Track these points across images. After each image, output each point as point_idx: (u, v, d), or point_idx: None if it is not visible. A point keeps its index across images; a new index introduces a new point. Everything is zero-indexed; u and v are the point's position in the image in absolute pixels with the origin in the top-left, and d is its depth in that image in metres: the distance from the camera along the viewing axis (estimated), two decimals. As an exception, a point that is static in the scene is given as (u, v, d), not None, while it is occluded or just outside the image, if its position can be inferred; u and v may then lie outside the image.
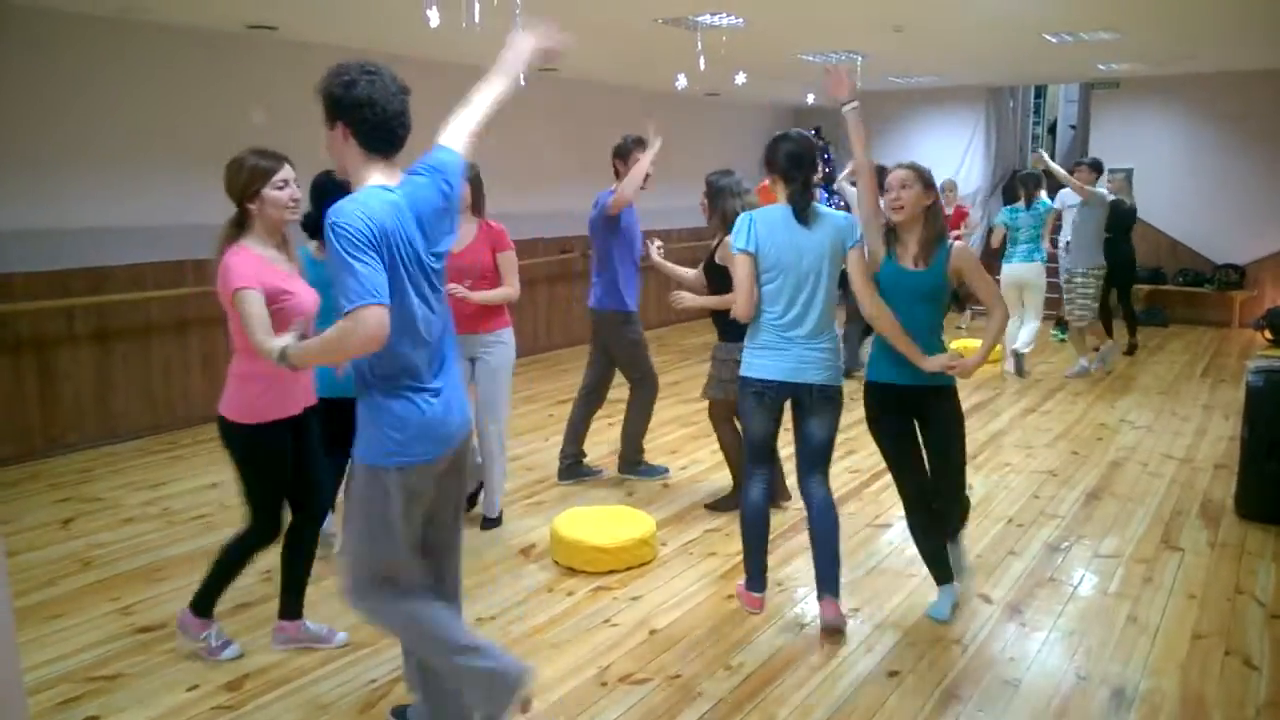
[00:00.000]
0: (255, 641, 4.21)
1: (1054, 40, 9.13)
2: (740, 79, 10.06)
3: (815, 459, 4.36)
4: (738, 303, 4.24)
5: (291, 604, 4.16)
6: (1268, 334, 11.21)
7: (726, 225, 5.22)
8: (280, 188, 3.73)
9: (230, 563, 3.98)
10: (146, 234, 7.40)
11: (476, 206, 5.27)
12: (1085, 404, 8.49)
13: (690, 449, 7.16)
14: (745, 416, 4.41)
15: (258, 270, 3.63)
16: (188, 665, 4.01)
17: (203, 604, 4.03)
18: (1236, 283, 12.57)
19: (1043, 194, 9.44)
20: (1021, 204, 9.33)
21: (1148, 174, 12.76)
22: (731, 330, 5.15)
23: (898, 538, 5.42)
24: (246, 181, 3.69)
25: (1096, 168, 9.57)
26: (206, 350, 7.78)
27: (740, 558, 4.68)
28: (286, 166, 3.78)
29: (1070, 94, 16.46)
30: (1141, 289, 12.89)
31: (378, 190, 2.81)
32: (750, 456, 4.45)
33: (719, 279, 5.40)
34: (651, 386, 6.39)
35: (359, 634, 4.25)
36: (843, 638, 4.25)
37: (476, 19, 5.83)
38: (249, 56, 7.96)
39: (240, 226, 3.74)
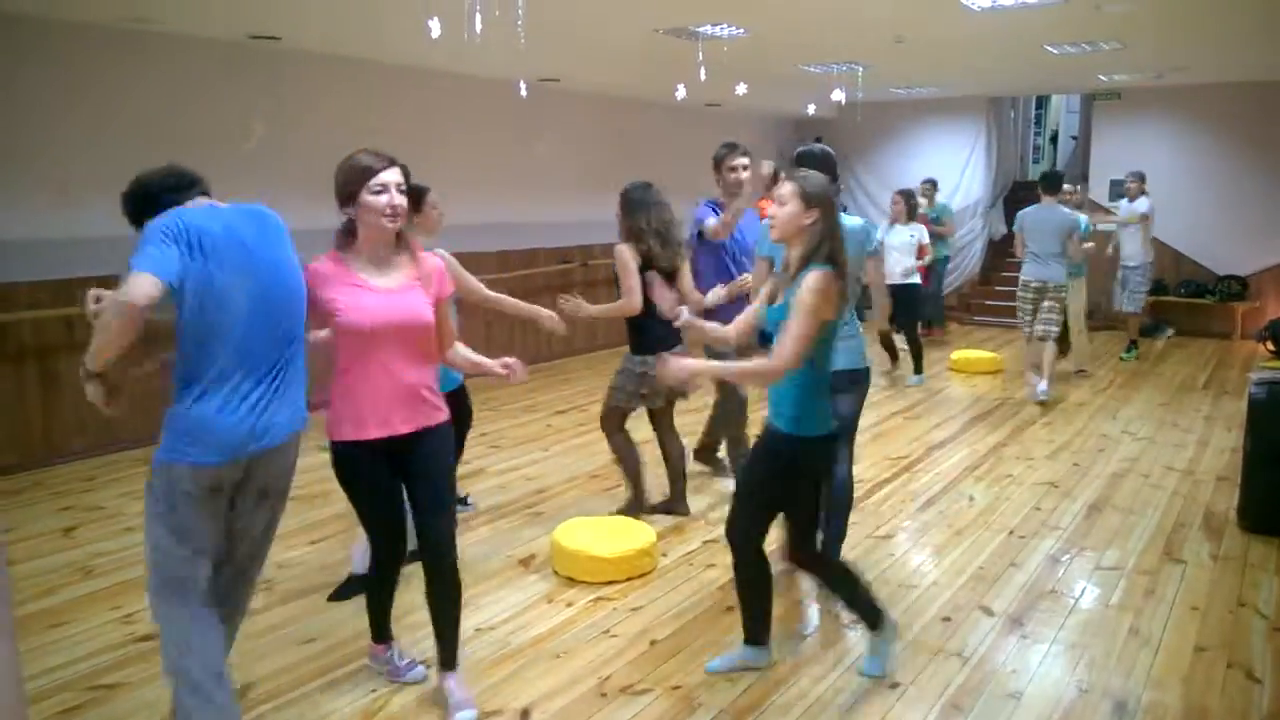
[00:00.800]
0: (256, 650, 4.20)
1: (1055, 51, 9.15)
2: (741, 89, 10.08)
3: (841, 435, 4.54)
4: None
5: (444, 651, 3.79)
6: (1270, 345, 11.20)
7: (631, 237, 5.38)
8: (377, 192, 3.36)
9: (369, 584, 3.91)
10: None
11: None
12: (1087, 415, 8.49)
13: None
14: None
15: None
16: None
17: (373, 629, 3.96)
18: (1239, 294, 12.57)
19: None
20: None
21: (1150, 185, 12.71)
22: (642, 342, 5.42)
23: (899, 549, 5.42)
24: (346, 183, 3.39)
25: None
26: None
27: None
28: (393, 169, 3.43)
29: (1072, 105, 16.51)
30: (1145, 300, 12.91)
31: (228, 206, 3.24)
32: None
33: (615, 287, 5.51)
34: (730, 412, 6.06)
35: (360, 642, 4.24)
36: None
37: (478, 30, 5.83)
38: (252, 66, 7.98)
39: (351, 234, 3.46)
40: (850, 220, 4.72)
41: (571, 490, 6.43)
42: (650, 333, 5.32)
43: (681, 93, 9.53)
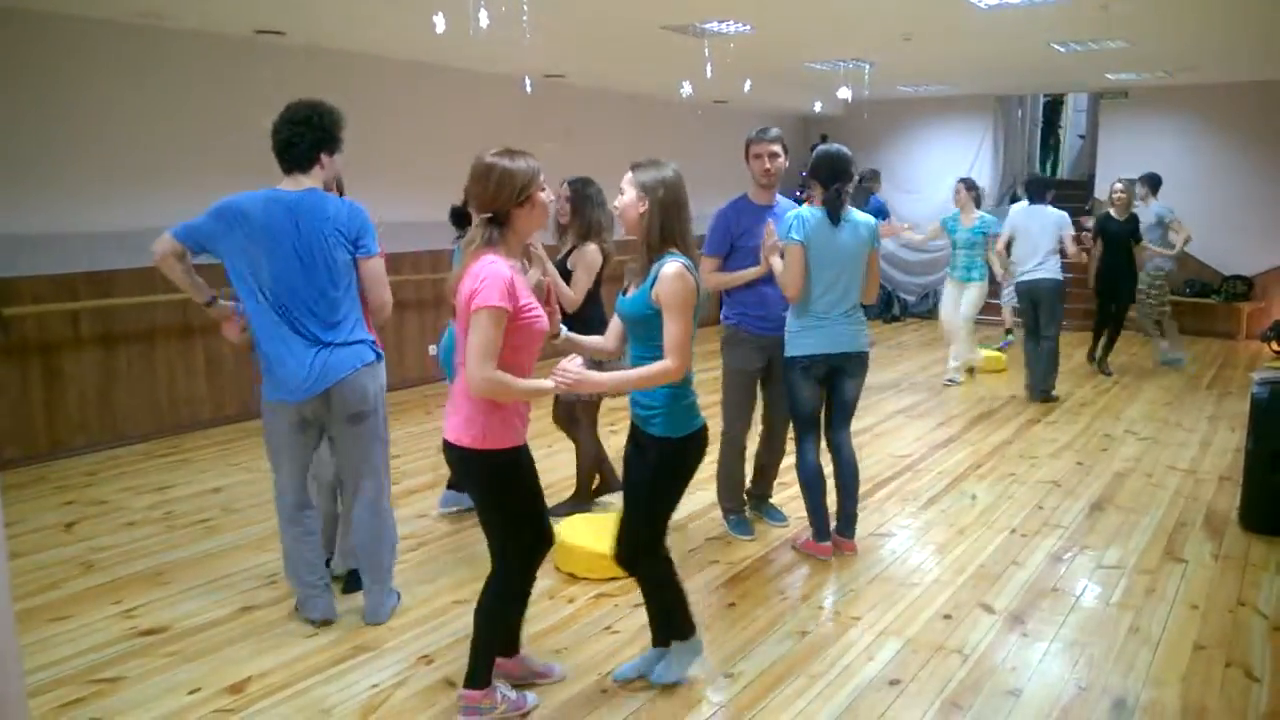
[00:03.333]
0: (258, 643, 4.21)
1: (1062, 49, 9.13)
2: (747, 87, 10.07)
3: (845, 413, 5.20)
4: (791, 286, 4.92)
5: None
6: (1275, 345, 11.19)
7: (586, 233, 5.50)
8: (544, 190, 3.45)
9: (503, 604, 3.74)
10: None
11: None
12: (1090, 415, 8.48)
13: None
14: (793, 391, 5.10)
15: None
16: (190, 668, 4.02)
17: (504, 649, 3.81)
18: (1244, 294, 12.55)
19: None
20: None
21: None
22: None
23: (900, 547, 5.42)
24: (524, 185, 3.35)
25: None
26: (210, 354, 7.79)
27: (742, 565, 5.01)
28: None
29: (1079, 104, 16.47)
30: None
31: (269, 190, 4.01)
32: (803, 426, 5.16)
33: (569, 282, 5.45)
34: (727, 427, 5.64)
35: (361, 638, 4.27)
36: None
37: (483, 25, 5.84)
38: (257, 61, 7.98)
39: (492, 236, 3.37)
40: (860, 217, 5.03)
41: (573, 487, 6.42)
42: (598, 328, 5.26)
43: (687, 89, 9.53)
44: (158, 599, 4.72)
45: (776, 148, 5.28)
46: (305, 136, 4.02)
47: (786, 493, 5.99)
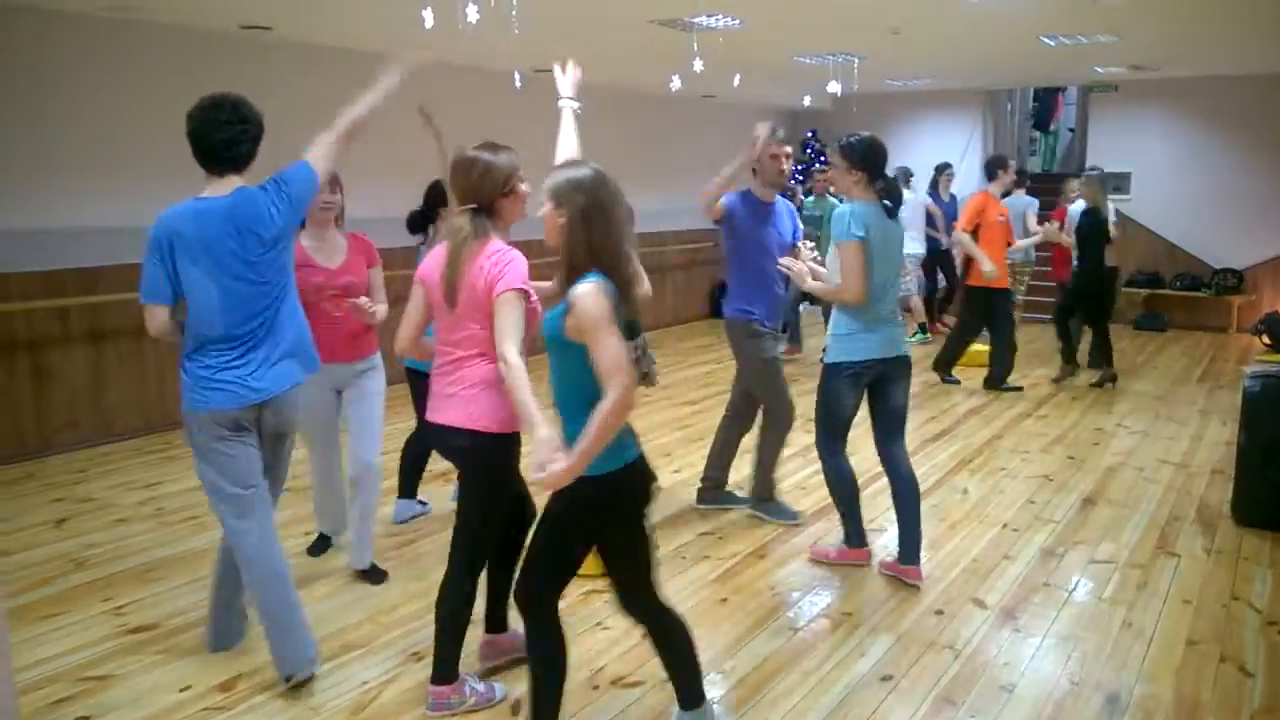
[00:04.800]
0: (247, 642, 4.19)
1: (1051, 43, 9.13)
2: (736, 81, 10.06)
3: (897, 423, 4.91)
4: (853, 289, 4.60)
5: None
6: (1265, 339, 11.20)
7: None
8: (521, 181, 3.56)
9: (466, 597, 3.77)
10: (141, 234, 7.30)
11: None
12: (1082, 409, 8.49)
13: (684, 452, 7.15)
14: (838, 399, 4.79)
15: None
16: (180, 666, 4.00)
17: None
18: (1234, 287, 12.58)
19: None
20: None
21: (1146, 177, 12.80)
22: None
23: (891, 542, 5.40)
24: (507, 177, 3.49)
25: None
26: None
27: (734, 561, 5.03)
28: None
29: (1069, 97, 16.48)
30: (1139, 293, 12.91)
31: (192, 201, 3.67)
32: (838, 434, 4.89)
33: None
34: (781, 416, 5.64)
35: (350, 635, 4.25)
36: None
37: (472, 19, 5.81)
38: (243, 56, 7.94)
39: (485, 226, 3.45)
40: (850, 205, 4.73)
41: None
42: None
43: (676, 84, 9.50)
44: (148, 596, 4.70)
45: (790, 149, 5.41)
46: (248, 134, 3.75)
47: (787, 492, 5.98)
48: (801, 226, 5.81)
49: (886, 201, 4.66)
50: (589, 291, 2.90)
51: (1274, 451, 5.49)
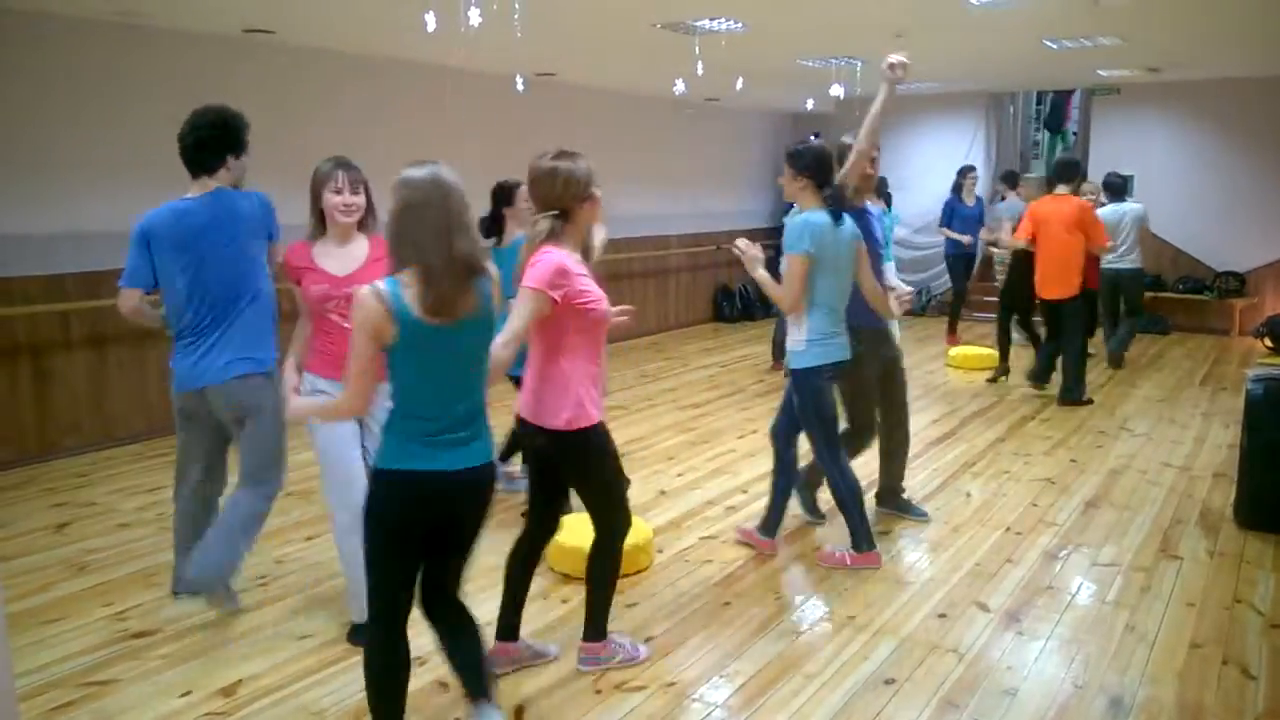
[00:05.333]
0: (249, 647, 4.19)
1: (1054, 46, 9.12)
2: (739, 84, 10.06)
3: (836, 431, 5.12)
4: (790, 298, 4.76)
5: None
6: (1268, 342, 11.20)
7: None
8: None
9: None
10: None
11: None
12: (1084, 412, 8.47)
13: (686, 455, 7.14)
14: (825, 400, 4.96)
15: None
16: (181, 671, 4.00)
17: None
18: (1237, 290, 12.55)
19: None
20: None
21: (1149, 181, 12.75)
22: None
23: (895, 545, 5.41)
24: (586, 184, 3.68)
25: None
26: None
27: (737, 565, 5.03)
28: None
29: (1072, 100, 16.44)
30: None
31: (173, 202, 4.19)
32: (835, 439, 5.05)
33: None
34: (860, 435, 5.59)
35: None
36: None
37: (474, 23, 5.81)
38: (246, 61, 7.95)
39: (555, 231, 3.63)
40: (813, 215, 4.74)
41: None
42: None
43: (680, 87, 9.50)
44: (149, 601, 4.69)
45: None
46: (216, 138, 4.23)
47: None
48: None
49: (834, 209, 4.75)
50: (357, 297, 2.85)
51: (1277, 454, 5.48)
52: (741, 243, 4.92)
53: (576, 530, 5.06)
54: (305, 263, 4.08)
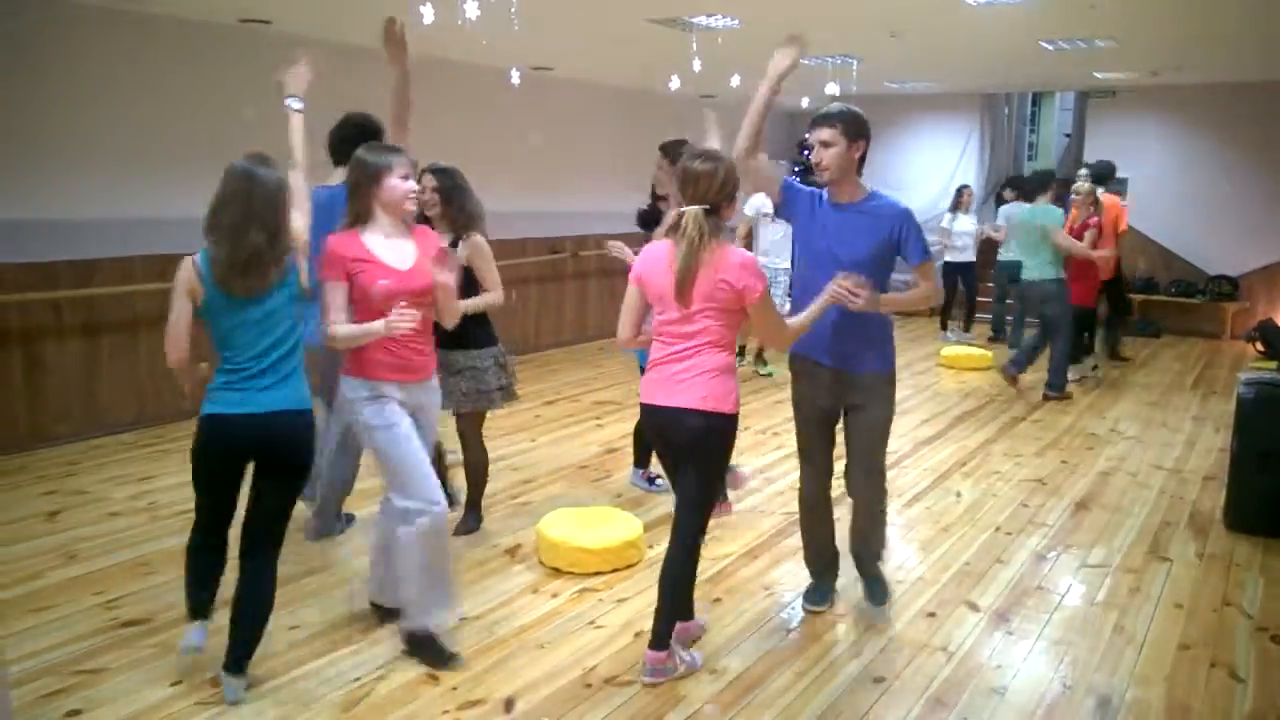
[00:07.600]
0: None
1: (1050, 47, 9.13)
2: (735, 81, 10.05)
3: None
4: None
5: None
6: (1259, 346, 11.23)
7: (467, 223, 4.97)
8: None
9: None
10: (135, 227, 7.36)
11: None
12: (1075, 413, 8.50)
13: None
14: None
15: None
16: (172, 660, 3.98)
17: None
18: (1229, 294, 12.60)
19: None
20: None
21: (1142, 184, 12.77)
22: (484, 335, 5.13)
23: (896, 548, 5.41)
24: (735, 183, 3.76)
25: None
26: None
27: (727, 561, 5.05)
28: None
29: (1065, 102, 16.48)
30: (1134, 299, 12.91)
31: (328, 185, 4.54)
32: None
33: (469, 283, 4.93)
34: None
35: (342, 631, 4.24)
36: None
37: (471, 15, 5.80)
38: (242, 51, 7.91)
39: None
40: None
41: (558, 481, 6.42)
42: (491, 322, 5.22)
43: (675, 83, 9.49)
44: (140, 590, 4.68)
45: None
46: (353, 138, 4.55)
47: (780, 494, 5.98)
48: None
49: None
50: (180, 263, 3.53)
51: (1267, 458, 5.51)
52: (614, 245, 5.19)
53: (562, 525, 5.07)
54: (361, 254, 3.77)
